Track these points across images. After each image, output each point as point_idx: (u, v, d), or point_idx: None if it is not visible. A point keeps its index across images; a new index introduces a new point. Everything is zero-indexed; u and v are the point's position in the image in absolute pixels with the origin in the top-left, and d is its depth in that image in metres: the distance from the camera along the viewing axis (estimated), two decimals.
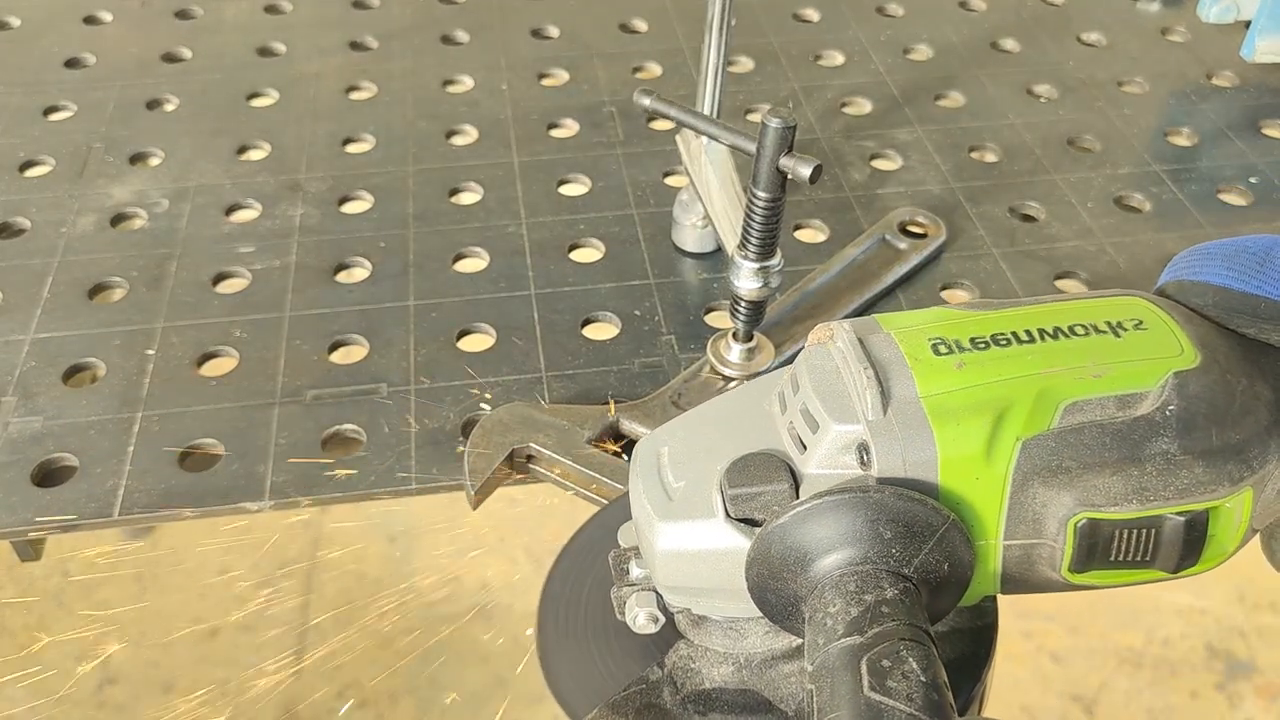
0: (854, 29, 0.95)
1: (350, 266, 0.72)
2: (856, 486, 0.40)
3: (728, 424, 0.44)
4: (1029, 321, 0.43)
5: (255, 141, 0.83)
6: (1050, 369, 0.42)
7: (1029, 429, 0.41)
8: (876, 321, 0.44)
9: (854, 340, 0.42)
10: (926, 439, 0.40)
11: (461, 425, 0.61)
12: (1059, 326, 0.43)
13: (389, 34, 0.94)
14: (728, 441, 0.43)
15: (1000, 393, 0.41)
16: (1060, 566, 0.42)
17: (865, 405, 0.40)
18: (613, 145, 0.82)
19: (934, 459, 0.40)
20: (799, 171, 0.52)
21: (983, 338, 0.43)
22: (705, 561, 0.42)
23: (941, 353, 0.42)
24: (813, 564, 0.40)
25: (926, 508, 0.39)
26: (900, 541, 0.39)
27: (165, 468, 0.59)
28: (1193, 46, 0.93)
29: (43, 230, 0.74)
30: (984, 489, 0.41)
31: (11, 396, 0.63)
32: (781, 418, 0.43)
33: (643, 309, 0.69)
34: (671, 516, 0.42)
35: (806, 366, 0.43)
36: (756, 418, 0.44)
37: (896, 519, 0.39)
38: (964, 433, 0.40)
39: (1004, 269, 0.72)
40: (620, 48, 0.93)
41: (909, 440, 0.40)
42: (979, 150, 0.82)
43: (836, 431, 0.41)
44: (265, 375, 0.64)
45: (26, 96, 0.87)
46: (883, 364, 0.41)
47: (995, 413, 0.40)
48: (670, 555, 0.42)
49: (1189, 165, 0.81)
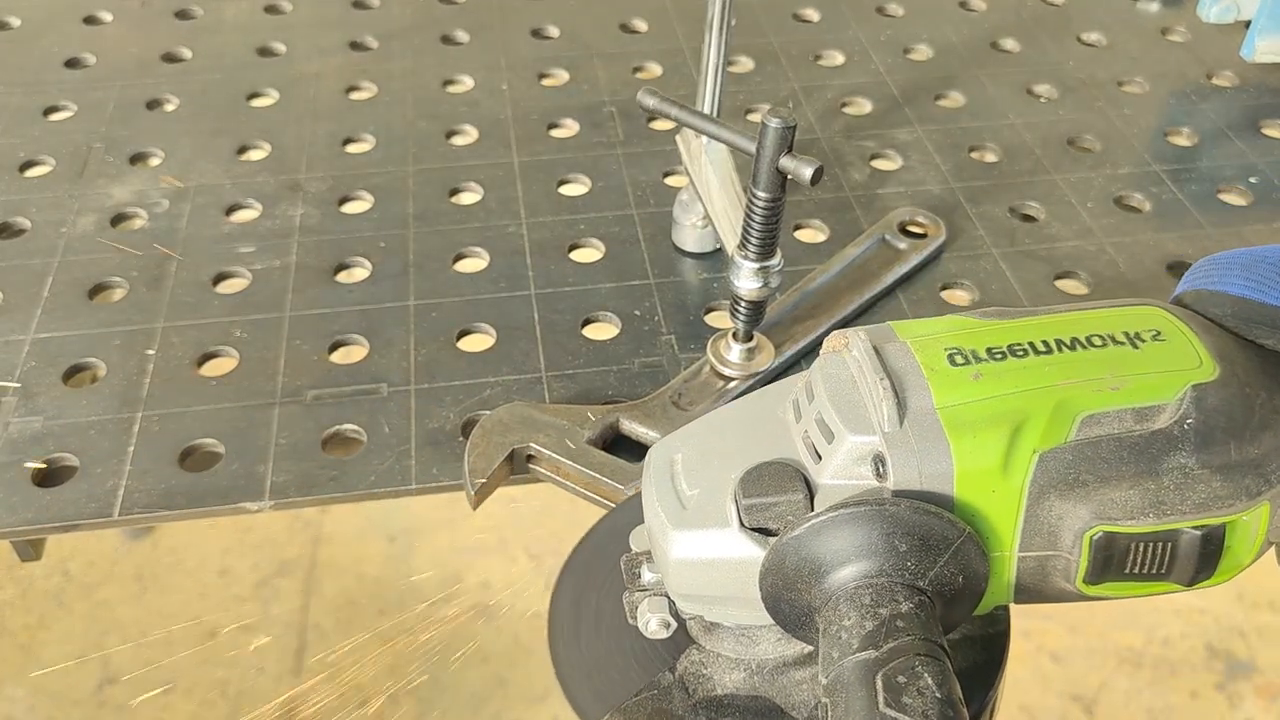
0: (854, 29, 0.95)
1: (350, 266, 0.72)
2: (872, 499, 0.39)
3: (741, 431, 0.44)
4: (1046, 332, 0.43)
5: (255, 141, 0.83)
6: (1068, 380, 0.41)
7: (1046, 441, 0.40)
8: (892, 329, 0.43)
9: (870, 349, 0.42)
10: (943, 451, 0.40)
11: (462, 425, 0.61)
12: (1076, 337, 0.43)
13: (389, 34, 0.95)
14: (742, 449, 0.43)
15: (1017, 405, 0.40)
16: (1075, 578, 0.41)
17: (881, 416, 0.40)
18: (613, 145, 0.82)
19: (950, 471, 0.40)
20: (800, 173, 0.52)
21: (999, 348, 0.42)
22: (719, 570, 0.42)
23: (958, 363, 0.42)
24: (827, 576, 0.40)
25: (942, 521, 0.39)
26: (916, 554, 0.39)
27: (165, 468, 0.59)
28: (1193, 46, 0.93)
29: (43, 230, 0.74)
30: (1000, 501, 0.40)
31: (12, 396, 0.63)
32: (796, 426, 0.43)
33: (643, 309, 0.69)
34: (685, 525, 0.42)
35: (822, 375, 0.42)
36: (770, 425, 0.44)
37: (912, 532, 0.39)
38: (981, 445, 0.40)
39: (1004, 269, 0.72)
40: (620, 48, 0.93)
41: (925, 452, 0.40)
42: (979, 150, 0.82)
43: (852, 442, 0.41)
44: (265, 375, 0.64)
45: (27, 96, 0.87)
46: (899, 374, 0.41)
47: (1012, 425, 0.40)
48: (684, 564, 0.42)
49: (1189, 165, 0.81)
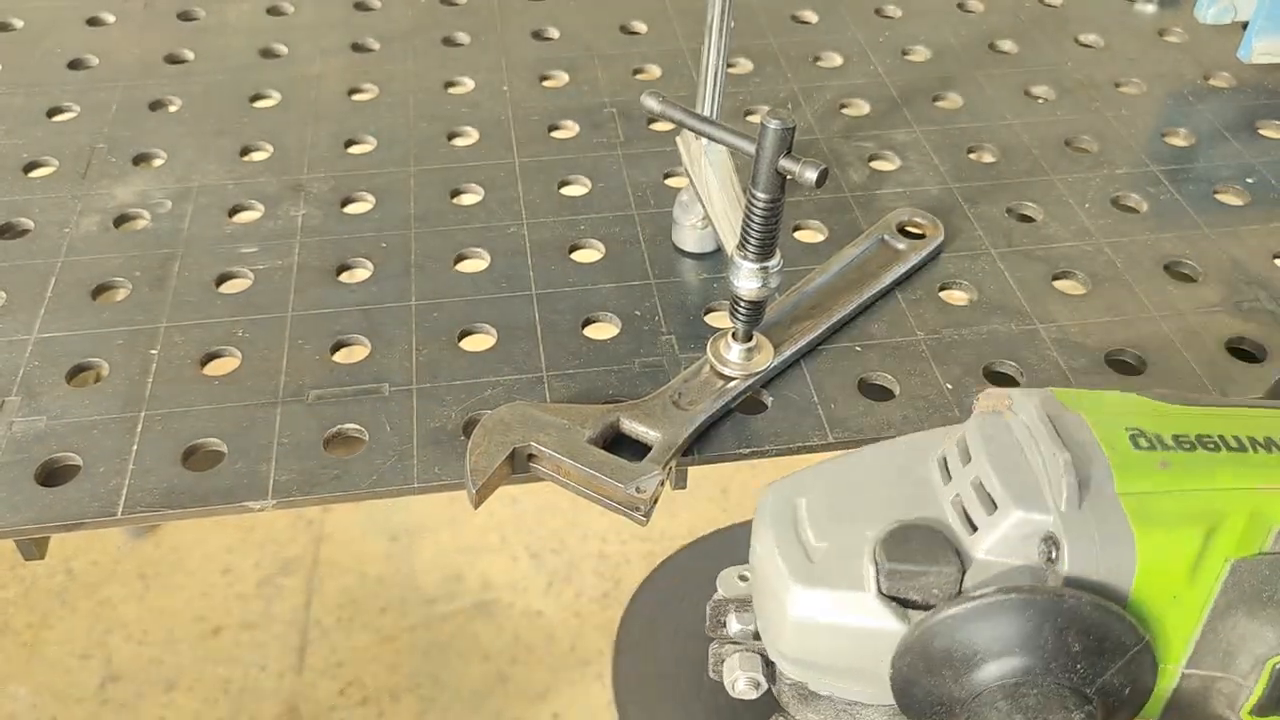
0: (852, 30, 0.96)
1: (352, 267, 0.73)
2: (1047, 587, 0.35)
3: (877, 485, 0.40)
4: (1238, 427, 0.39)
5: (258, 143, 0.83)
6: (1266, 485, 0.37)
7: (1241, 550, 0.36)
8: (1057, 398, 0.39)
9: (1044, 416, 0.38)
10: (1125, 543, 0.36)
11: (463, 424, 0.62)
12: (1271, 438, 0.38)
13: (391, 36, 0.95)
14: (878, 505, 0.39)
15: (1213, 504, 0.36)
16: (1241, 707, 0.37)
17: (1059, 494, 0.36)
18: (613, 146, 0.83)
19: (1131, 567, 0.35)
20: (805, 176, 0.52)
21: (1187, 437, 0.38)
22: (843, 638, 0.38)
23: (1142, 446, 0.37)
24: (981, 667, 0.35)
25: (1124, 623, 0.35)
26: (1088, 657, 0.35)
27: (168, 467, 0.60)
28: (1190, 47, 0.94)
29: (46, 231, 0.75)
30: (1180, 610, 0.36)
31: (15, 396, 0.63)
32: (944, 488, 0.39)
33: (643, 309, 0.69)
34: (811, 581, 0.38)
35: (981, 436, 0.39)
36: (911, 481, 0.40)
37: (1089, 631, 0.35)
38: (1171, 542, 0.36)
39: (1001, 269, 0.72)
40: (620, 49, 0.93)
41: (1105, 541, 0.35)
42: (977, 151, 0.83)
43: (1019, 517, 0.36)
44: (268, 375, 0.65)
45: (29, 98, 0.87)
46: (1076, 448, 0.37)
47: (1207, 525, 0.36)
48: (804, 625, 0.38)
49: (1186, 166, 0.81)
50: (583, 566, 1.51)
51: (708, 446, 0.60)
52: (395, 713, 1.36)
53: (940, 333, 0.67)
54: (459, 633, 1.45)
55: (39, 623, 1.45)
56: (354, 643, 1.43)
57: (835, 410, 0.62)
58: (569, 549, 1.53)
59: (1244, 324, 0.68)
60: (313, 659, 1.42)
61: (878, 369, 0.65)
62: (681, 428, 0.59)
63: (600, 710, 1.35)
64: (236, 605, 1.48)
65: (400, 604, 1.48)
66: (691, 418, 0.60)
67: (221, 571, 1.52)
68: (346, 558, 1.53)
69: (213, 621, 1.46)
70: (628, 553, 1.51)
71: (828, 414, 0.62)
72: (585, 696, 1.37)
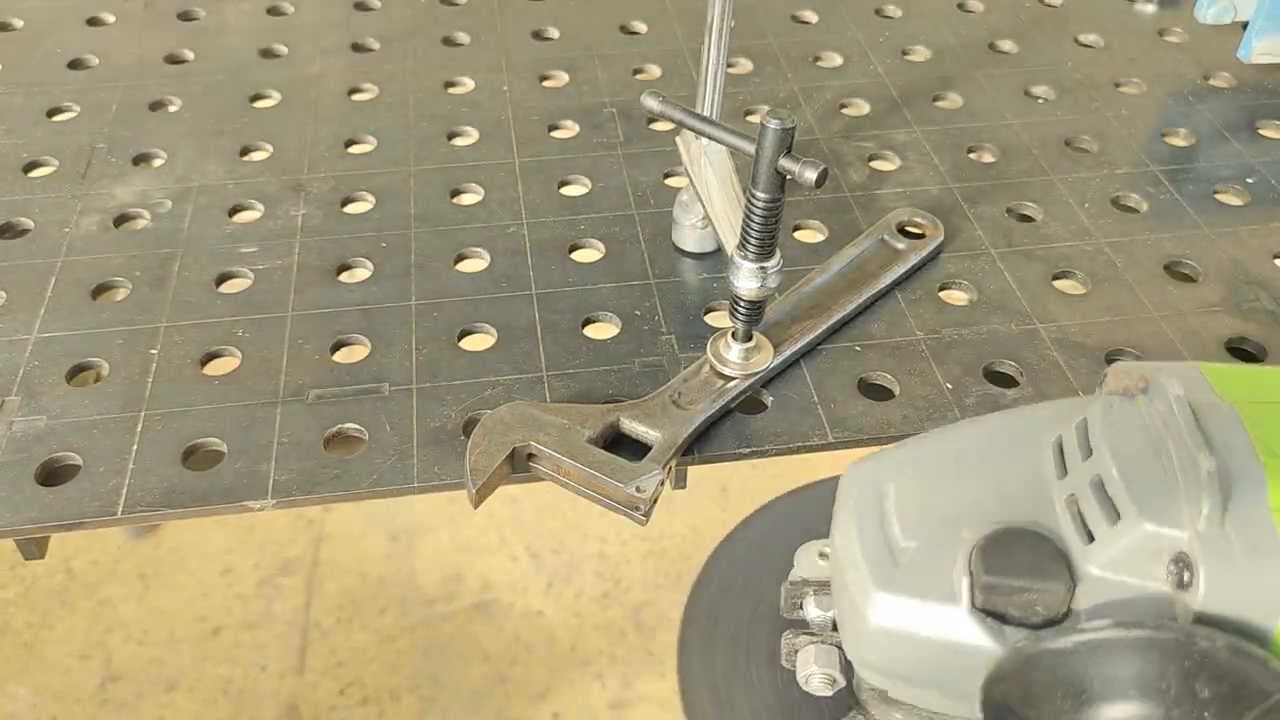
0: (852, 30, 0.96)
1: (352, 267, 0.73)
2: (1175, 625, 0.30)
3: (979, 470, 0.35)
4: None
5: (257, 142, 0.83)
6: None
7: None
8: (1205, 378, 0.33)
9: (1186, 407, 0.31)
10: (1274, 572, 0.30)
11: (463, 424, 0.62)
12: None
13: (391, 36, 0.95)
14: (979, 498, 0.34)
15: None
16: None
17: (1198, 508, 0.30)
18: (613, 146, 0.83)
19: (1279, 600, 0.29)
20: (805, 176, 0.52)
21: None
22: (930, 651, 0.33)
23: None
24: (1090, 706, 0.31)
25: (1265, 670, 0.29)
26: (1218, 704, 0.30)
27: (168, 466, 0.60)
28: (1190, 47, 0.94)
29: (46, 231, 0.75)
30: None
31: (15, 396, 0.63)
32: (1059, 483, 0.33)
33: (643, 309, 0.69)
34: (896, 588, 0.33)
35: (1106, 424, 0.32)
36: (1019, 469, 0.34)
37: (1222, 678, 0.29)
38: None
39: (1001, 269, 0.72)
40: (620, 49, 0.93)
41: (1251, 569, 0.29)
42: (977, 151, 0.83)
43: (1146, 531, 0.31)
44: (268, 375, 0.65)
45: (29, 98, 0.87)
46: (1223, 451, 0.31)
47: None
48: (886, 633, 0.34)
49: (1186, 166, 0.81)
50: (583, 567, 1.51)
51: (708, 446, 0.60)
52: (395, 713, 1.36)
53: (940, 332, 0.67)
54: (459, 633, 1.45)
55: (39, 623, 1.45)
56: (354, 643, 1.43)
57: (835, 410, 0.62)
58: (569, 549, 1.53)
59: (1244, 324, 0.68)
60: (313, 659, 1.42)
61: (877, 369, 0.65)
62: (681, 427, 0.59)
63: (600, 710, 1.35)
64: (237, 605, 1.48)
65: (400, 604, 1.48)
66: (691, 417, 0.60)
67: (221, 571, 1.52)
68: (346, 558, 1.53)
69: (213, 621, 1.46)
70: (628, 553, 1.51)
71: (827, 414, 0.62)
72: (585, 696, 1.37)
